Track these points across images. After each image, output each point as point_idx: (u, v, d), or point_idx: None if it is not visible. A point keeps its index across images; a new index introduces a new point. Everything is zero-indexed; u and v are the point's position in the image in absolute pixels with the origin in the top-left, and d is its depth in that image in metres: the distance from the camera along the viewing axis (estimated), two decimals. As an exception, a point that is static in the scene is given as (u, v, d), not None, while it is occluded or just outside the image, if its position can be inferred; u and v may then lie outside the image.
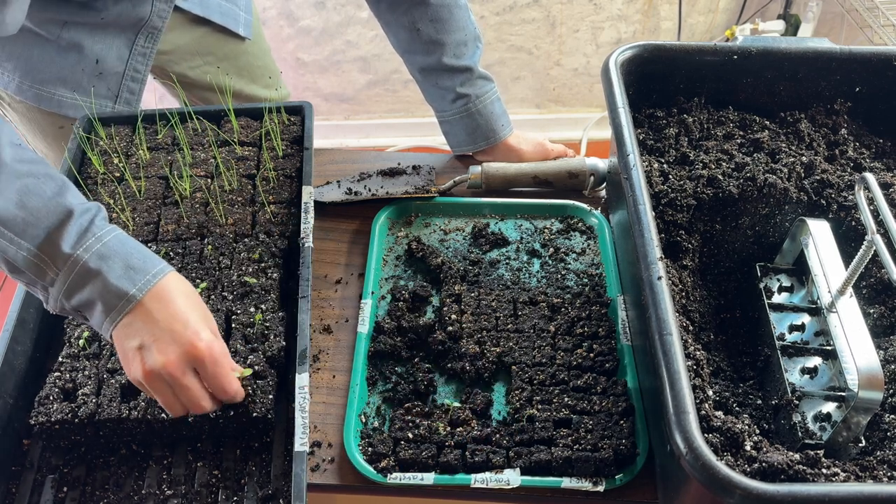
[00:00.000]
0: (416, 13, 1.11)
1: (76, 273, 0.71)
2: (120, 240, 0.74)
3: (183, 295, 0.75)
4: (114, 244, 0.73)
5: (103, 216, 0.76)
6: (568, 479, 0.80)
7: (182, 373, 0.73)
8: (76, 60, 1.09)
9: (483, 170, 1.13)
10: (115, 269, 0.72)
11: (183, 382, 0.73)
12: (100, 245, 0.73)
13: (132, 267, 0.73)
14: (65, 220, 0.72)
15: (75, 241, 0.72)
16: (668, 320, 0.69)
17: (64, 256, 0.71)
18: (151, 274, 0.73)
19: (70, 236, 0.72)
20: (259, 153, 1.07)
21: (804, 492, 0.58)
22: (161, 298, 0.73)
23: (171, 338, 0.72)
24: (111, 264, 0.72)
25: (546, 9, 2.32)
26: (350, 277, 1.05)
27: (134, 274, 0.72)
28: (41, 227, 0.71)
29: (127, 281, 0.72)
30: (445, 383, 0.92)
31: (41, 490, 0.79)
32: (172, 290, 0.74)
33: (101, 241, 0.73)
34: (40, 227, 0.71)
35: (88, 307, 0.73)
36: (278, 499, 0.78)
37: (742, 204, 0.91)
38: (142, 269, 0.73)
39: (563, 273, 1.03)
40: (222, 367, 0.75)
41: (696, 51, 1.00)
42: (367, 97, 2.53)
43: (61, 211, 0.72)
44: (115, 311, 0.72)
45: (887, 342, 0.84)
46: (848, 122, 1.03)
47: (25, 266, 0.72)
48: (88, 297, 0.72)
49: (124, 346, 0.73)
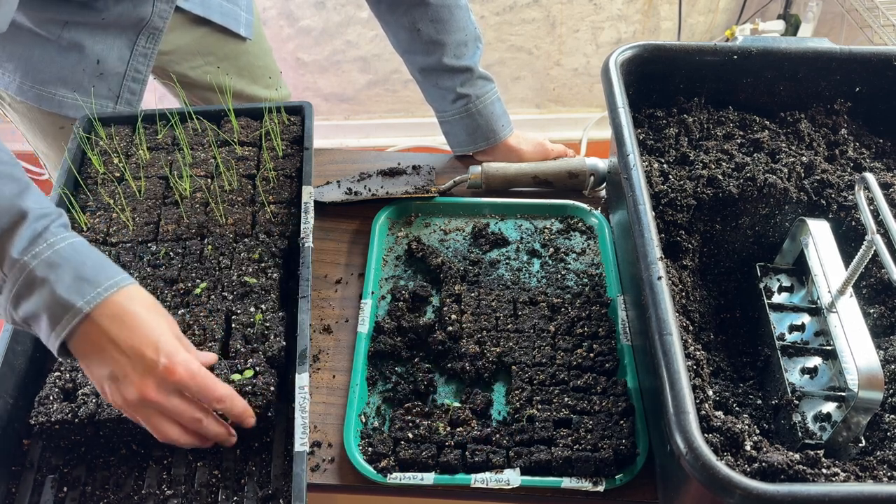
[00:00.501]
0: (416, 13, 1.11)
1: (22, 280, 0.67)
2: (75, 248, 0.70)
3: (144, 310, 0.70)
4: (67, 252, 0.69)
5: (62, 223, 0.72)
6: (568, 479, 0.80)
7: (165, 398, 0.69)
8: (77, 61, 1.09)
9: (483, 170, 1.13)
10: (64, 278, 0.67)
11: (169, 406, 0.70)
12: (50, 252, 0.68)
13: (83, 278, 0.68)
14: (17, 223, 0.68)
15: (25, 245, 0.68)
16: (668, 320, 0.69)
17: (11, 261, 0.67)
18: (103, 287, 0.68)
19: (20, 240, 0.68)
20: (259, 153, 1.07)
21: (804, 492, 0.58)
22: (118, 317, 0.68)
23: (143, 367, 0.68)
24: (60, 273, 0.67)
25: (546, 9, 2.32)
26: (350, 277, 1.05)
27: (84, 285, 0.67)
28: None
29: (75, 293, 0.67)
30: (445, 383, 0.92)
31: (41, 490, 0.79)
32: (130, 306, 0.69)
33: (52, 248, 0.68)
34: None
35: (35, 319, 0.68)
36: (278, 499, 0.78)
37: (742, 204, 0.91)
38: (93, 280, 0.68)
39: (563, 273, 1.03)
40: (203, 380, 0.71)
41: (696, 51, 1.00)
42: (367, 97, 2.53)
43: (15, 213, 0.68)
44: (59, 325, 0.67)
45: (887, 342, 0.84)
46: (848, 122, 1.03)
47: None
48: (34, 308, 0.67)
49: (94, 372, 0.70)
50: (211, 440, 0.76)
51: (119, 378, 0.69)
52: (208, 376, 0.72)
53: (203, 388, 0.71)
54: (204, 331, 0.85)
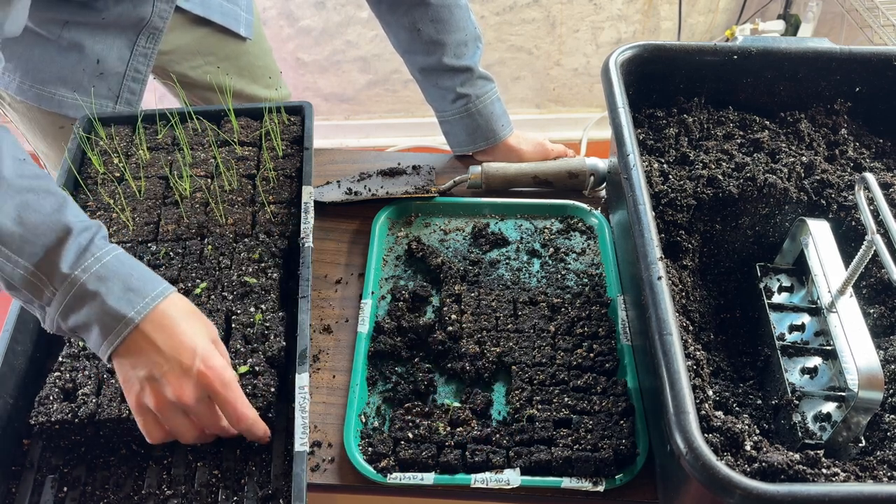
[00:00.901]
0: (416, 13, 1.11)
1: (73, 294, 0.70)
2: (120, 260, 0.72)
3: (184, 316, 0.73)
4: (113, 264, 0.71)
5: (103, 235, 0.74)
6: (568, 479, 0.80)
7: (196, 402, 0.72)
8: (77, 60, 1.09)
9: (483, 170, 1.13)
10: (114, 290, 0.70)
11: (197, 410, 0.73)
12: (98, 265, 0.71)
13: (131, 289, 0.71)
14: (63, 239, 0.70)
15: (74, 260, 0.70)
16: (668, 320, 0.69)
17: (62, 276, 0.69)
18: (150, 297, 0.71)
19: (68, 255, 0.70)
20: (259, 153, 1.07)
21: (804, 492, 0.58)
22: (162, 323, 0.71)
23: (180, 369, 0.71)
24: (110, 286, 0.70)
25: (546, 9, 2.32)
26: (350, 277, 1.05)
27: (133, 296, 0.70)
28: (39, 244, 0.69)
29: (125, 303, 0.70)
30: (445, 383, 0.92)
31: (41, 490, 0.79)
32: (173, 313, 0.72)
33: (100, 262, 0.71)
34: (38, 244, 0.69)
35: (85, 329, 0.71)
36: (278, 499, 0.78)
37: (742, 204, 0.91)
38: (141, 291, 0.71)
39: (563, 273, 1.03)
40: (234, 393, 0.74)
41: (696, 51, 1.00)
42: (367, 97, 2.53)
43: (60, 228, 0.70)
44: (112, 334, 0.70)
45: (887, 342, 0.84)
46: (848, 122, 1.03)
47: (22, 284, 0.70)
48: (85, 318, 0.70)
49: (129, 374, 0.72)
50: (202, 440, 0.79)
51: (157, 378, 0.71)
52: (238, 391, 0.75)
53: (230, 402, 0.74)
54: (204, 331, 0.85)
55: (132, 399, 0.73)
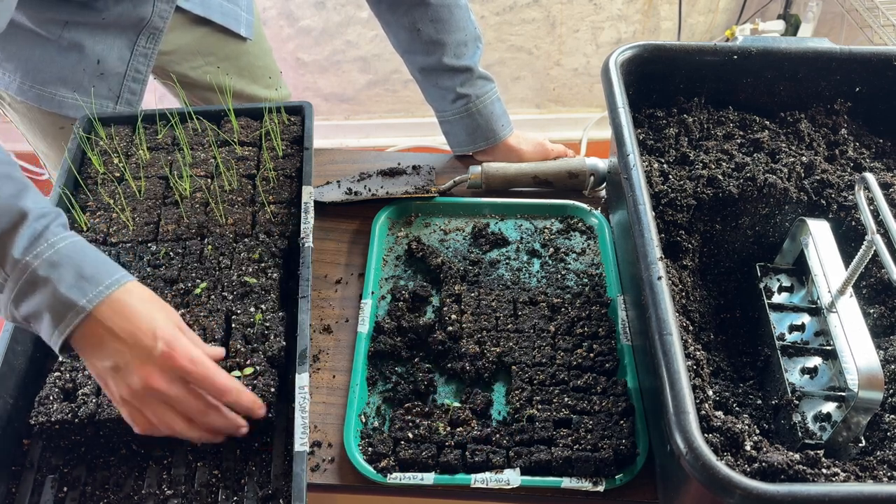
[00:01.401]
0: (416, 13, 1.11)
1: (25, 280, 0.68)
2: (76, 247, 0.71)
3: (141, 302, 0.71)
4: (67, 251, 0.70)
5: (61, 222, 0.72)
6: (568, 479, 0.80)
7: (168, 385, 0.69)
8: (77, 61, 1.09)
9: (483, 170, 1.13)
10: (66, 277, 0.68)
11: (172, 394, 0.70)
12: (51, 251, 0.69)
13: (84, 276, 0.69)
14: (18, 223, 0.68)
15: (26, 245, 0.68)
16: (668, 320, 0.69)
17: (13, 261, 0.68)
18: (104, 285, 0.69)
19: (21, 240, 0.68)
20: (259, 153, 1.07)
21: (804, 492, 0.58)
22: (118, 311, 0.69)
23: (143, 354, 0.68)
24: (62, 272, 0.68)
25: (546, 9, 2.32)
26: (350, 277, 1.05)
27: (86, 284, 0.68)
28: None
29: (77, 291, 0.68)
30: (445, 383, 0.92)
31: (41, 490, 0.79)
32: (129, 300, 0.70)
33: (53, 248, 0.69)
34: None
35: (36, 318, 0.69)
36: (278, 499, 0.78)
37: (742, 204, 0.91)
38: (94, 278, 0.69)
39: (563, 273, 1.03)
40: (205, 369, 0.71)
41: (696, 51, 1.00)
42: (367, 97, 2.53)
43: (15, 213, 0.69)
44: (63, 322, 0.68)
45: (887, 342, 0.84)
46: (848, 122, 1.03)
47: None
48: (37, 306, 0.68)
49: (96, 367, 0.70)
50: (221, 434, 0.76)
51: (121, 367, 0.69)
52: (210, 365, 0.72)
53: (205, 377, 0.71)
54: (204, 331, 0.85)
55: (108, 391, 0.71)
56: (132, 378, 0.69)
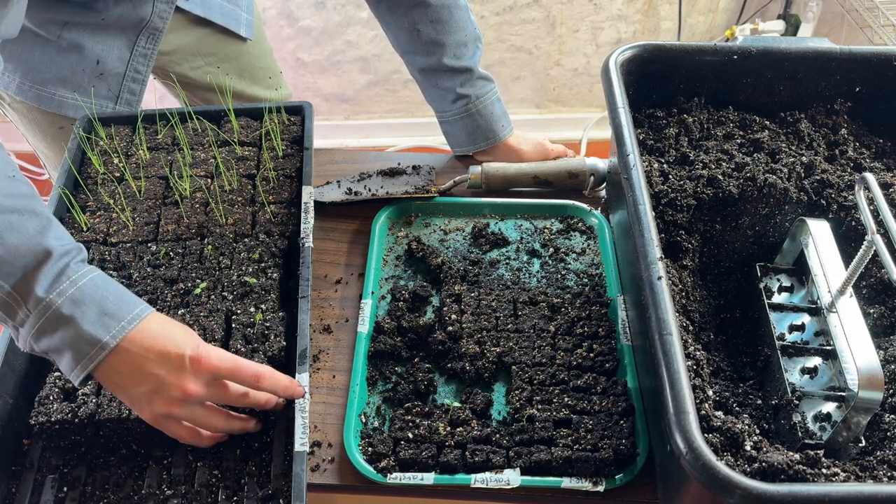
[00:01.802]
0: (416, 14, 1.11)
1: (47, 318, 0.69)
2: (96, 283, 0.72)
3: (161, 327, 0.73)
4: (89, 288, 0.71)
5: (82, 258, 0.74)
6: (568, 479, 0.80)
7: (205, 390, 0.73)
8: (77, 61, 1.09)
9: (483, 170, 1.13)
10: (89, 315, 0.70)
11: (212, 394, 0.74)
12: (74, 289, 0.70)
13: (107, 313, 0.70)
14: (42, 262, 0.70)
15: (49, 284, 0.69)
16: (668, 320, 0.69)
17: (36, 299, 0.69)
18: (126, 320, 0.71)
19: (45, 279, 0.69)
20: (259, 153, 1.07)
21: (804, 492, 0.58)
22: (142, 341, 0.71)
23: (174, 369, 0.71)
24: (84, 310, 0.70)
25: (546, 9, 2.32)
26: (350, 277, 1.05)
27: (108, 320, 0.70)
28: (18, 266, 0.69)
29: (100, 328, 0.70)
30: (445, 383, 0.92)
31: (41, 490, 0.79)
32: (149, 328, 0.72)
33: (75, 286, 0.70)
34: (17, 266, 0.69)
35: (57, 353, 0.70)
36: (278, 499, 0.78)
37: (742, 204, 0.91)
38: (116, 315, 0.71)
39: (563, 273, 1.03)
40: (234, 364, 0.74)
41: (696, 51, 1.00)
42: (367, 97, 2.53)
43: (40, 251, 0.70)
44: (87, 358, 0.69)
45: (887, 342, 0.84)
46: (848, 122, 1.03)
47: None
48: (59, 343, 0.70)
49: (131, 393, 0.72)
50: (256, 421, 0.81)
51: (158, 388, 0.72)
52: (238, 358, 0.75)
53: (237, 368, 0.74)
54: (204, 331, 0.85)
55: (147, 416, 0.74)
56: (171, 392, 0.72)
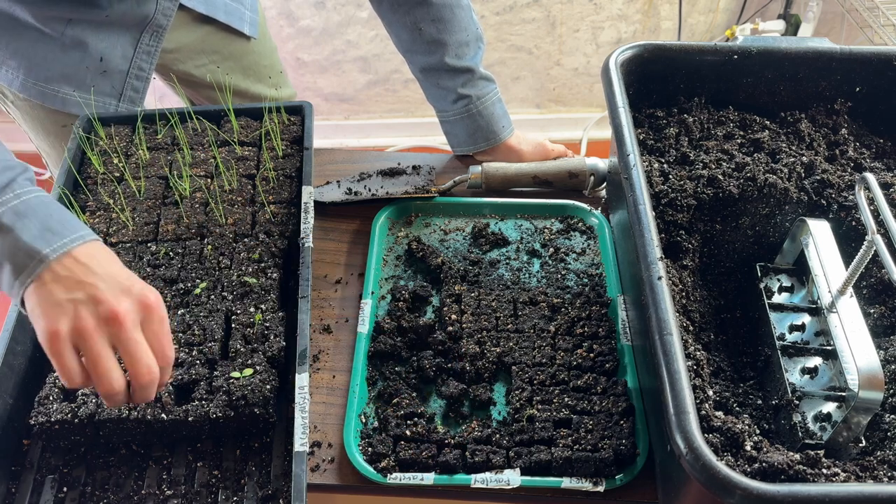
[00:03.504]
0: (418, 13, 1.11)
1: None
2: (41, 201, 0.70)
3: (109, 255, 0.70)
4: (34, 203, 0.69)
5: (29, 177, 0.72)
6: (568, 480, 0.80)
7: (134, 324, 0.66)
8: (80, 58, 1.10)
9: (483, 170, 1.13)
10: (31, 228, 0.67)
11: (133, 335, 0.66)
12: (18, 202, 0.68)
13: (50, 229, 0.67)
14: None
15: None
16: (668, 320, 0.69)
17: None
18: (69, 238, 0.68)
19: None
20: (259, 153, 1.07)
21: (804, 492, 0.58)
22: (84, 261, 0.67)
23: (120, 288, 0.67)
24: (26, 223, 0.67)
25: (546, 9, 2.32)
26: (350, 277, 1.05)
27: (50, 235, 0.67)
28: None
29: (41, 241, 0.66)
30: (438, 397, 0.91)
31: (41, 490, 0.79)
32: (96, 254, 0.69)
33: (19, 199, 0.68)
34: None
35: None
36: (278, 499, 0.78)
37: (742, 204, 0.91)
38: (59, 231, 0.68)
39: (563, 273, 1.03)
40: (166, 325, 0.69)
41: (696, 51, 1.00)
42: (367, 97, 2.53)
43: None
44: (25, 272, 0.66)
45: (887, 342, 0.84)
46: (848, 122, 1.03)
47: None
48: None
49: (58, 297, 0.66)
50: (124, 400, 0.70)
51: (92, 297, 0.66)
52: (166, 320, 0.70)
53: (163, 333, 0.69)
54: (204, 331, 0.85)
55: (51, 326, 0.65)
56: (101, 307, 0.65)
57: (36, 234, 0.67)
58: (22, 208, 0.68)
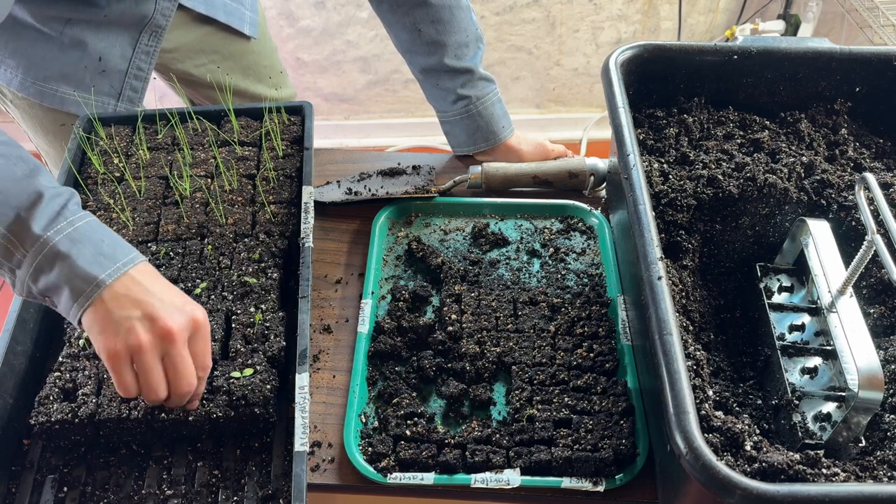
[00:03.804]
0: (417, 14, 1.11)
1: (44, 255, 0.70)
2: (92, 226, 0.73)
3: (158, 278, 0.74)
4: (85, 229, 0.72)
5: (76, 201, 0.75)
6: (568, 479, 0.80)
7: (183, 341, 0.72)
8: (79, 58, 1.10)
9: (483, 170, 1.13)
10: (85, 253, 0.70)
11: (182, 352, 0.72)
12: (71, 229, 0.71)
13: (102, 253, 0.71)
14: (35, 202, 0.71)
15: (46, 223, 0.70)
16: (668, 320, 0.69)
17: (33, 238, 0.70)
18: (121, 262, 0.72)
19: (41, 218, 0.70)
20: (259, 153, 1.07)
21: (804, 492, 0.58)
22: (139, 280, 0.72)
23: (174, 306, 0.72)
24: (81, 248, 0.70)
25: (546, 9, 2.32)
26: (350, 277, 1.05)
27: (104, 260, 0.71)
28: (10, 206, 0.70)
29: (96, 266, 0.70)
30: (438, 397, 0.91)
31: (41, 490, 0.79)
32: (147, 274, 0.73)
33: (72, 226, 0.71)
34: (9, 206, 0.70)
35: (55, 291, 0.71)
36: (278, 499, 0.78)
37: (742, 204, 0.91)
38: (112, 256, 0.72)
39: (563, 273, 1.03)
40: (209, 341, 0.75)
41: (696, 51, 1.00)
42: (367, 97, 2.53)
43: (32, 192, 0.71)
44: (83, 296, 0.70)
45: (887, 342, 0.84)
46: (848, 122, 1.03)
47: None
48: (56, 280, 0.70)
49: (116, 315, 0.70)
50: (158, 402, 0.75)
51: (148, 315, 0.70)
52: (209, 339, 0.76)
53: (206, 349, 0.75)
54: (204, 331, 0.85)
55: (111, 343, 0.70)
56: (156, 324, 0.70)
57: (91, 259, 0.71)
58: (76, 235, 0.71)
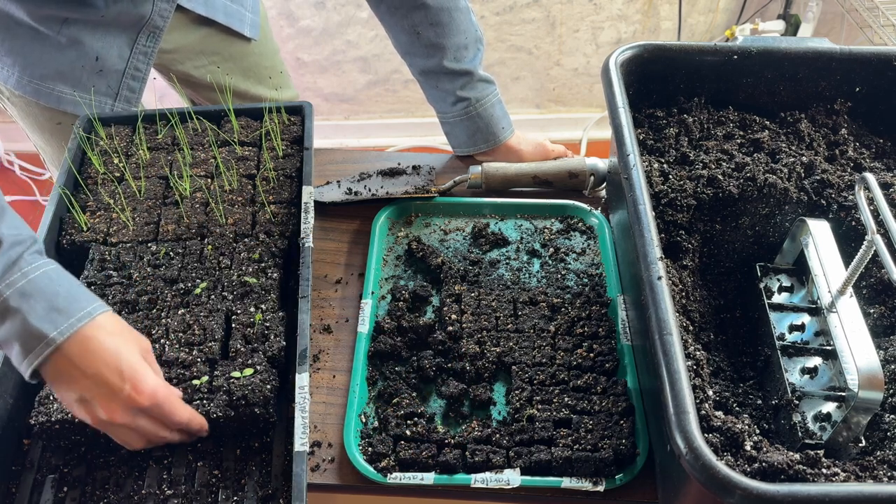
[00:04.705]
0: (415, 17, 1.11)
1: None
2: (49, 277, 0.71)
3: (109, 335, 0.71)
4: (40, 281, 0.70)
5: (36, 249, 0.72)
6: (568, 479, 0.80)
7: (132, 419, 0.72)
8: (76, 57, 1.10)
9: (483, 170, 1.13)
10: (37, 309, 0.68)
11: (135, 425, 0.73)
12: (24, 281, 0.69)
13: (56, 308, 0.69)
14: None
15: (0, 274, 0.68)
16: (668, 320, 0.69)
17: None
18: (76, 318, 0.69)
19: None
20: (259, 153, 1.07)
21: (804, 492, 0.58)
22: (86, 346, 0.70)
23: (109, 392, 0.70)
24: (33, 304, 0.68)
25: (546, 9, 2.32)
26: (350, 277, 1.05)
27: (56, 316, 0.69)
28: None
29: (48, 323, 0.68)
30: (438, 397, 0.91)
31: (41, 490, 0.79)
32: (98, 334, 0.71)
33: (26, 277, 0.69)
34: None
35: (7, 345, 0.70)
36: (278, 499, 0.78)
37: (742, 204, 0.91)
38: (66, 310, 0.69)
39: (563, 273, 1.03)
40: (168, 407, 0.74)
41: (696, 51, 1.00)
42: (367, 97, 2.53)
43: None
44: (32, 353, 0.68)
45: (887, 342, 0.84)
46: (848, 122, 1.03)
47: None
48: (6, 335, 0.68)
49: (62, 395, 0.72)
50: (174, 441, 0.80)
51: (87, 400, 0.71)
52: (170, 402, 0.75)
53: (166, 415, 0.75)
54: (204, 331, 0.85)
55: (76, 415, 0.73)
56: (97, 412, 0.71)
57: (42, 315, 0.68)
58: (29, 288, 0.69)
